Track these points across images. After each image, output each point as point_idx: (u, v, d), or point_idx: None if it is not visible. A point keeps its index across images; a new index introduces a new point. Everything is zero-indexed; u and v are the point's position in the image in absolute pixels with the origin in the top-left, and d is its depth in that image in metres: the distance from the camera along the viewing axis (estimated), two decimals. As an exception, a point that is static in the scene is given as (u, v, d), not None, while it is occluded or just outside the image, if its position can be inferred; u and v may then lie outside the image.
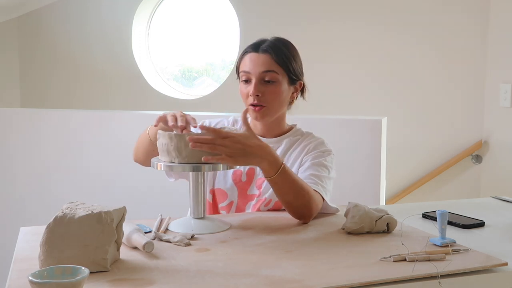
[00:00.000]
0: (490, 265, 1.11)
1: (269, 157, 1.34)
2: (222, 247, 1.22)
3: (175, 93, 4.56)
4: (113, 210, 1.08)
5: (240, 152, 1.29)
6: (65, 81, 4.74)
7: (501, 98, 3.17)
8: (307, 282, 1.00)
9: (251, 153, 1.31)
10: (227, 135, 1.28)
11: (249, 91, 1.53)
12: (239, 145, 1.29)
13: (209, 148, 1.27)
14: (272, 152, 1.36)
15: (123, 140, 2.69)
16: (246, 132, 1.33)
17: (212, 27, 4.63)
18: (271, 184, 1.39)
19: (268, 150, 1.34)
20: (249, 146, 1.31)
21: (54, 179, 2.77)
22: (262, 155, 1.33)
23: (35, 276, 0.88)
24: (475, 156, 3.32)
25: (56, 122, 2.81)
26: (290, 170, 1.40)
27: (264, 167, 1.35)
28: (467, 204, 1.74)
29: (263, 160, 1.33)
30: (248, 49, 1.57)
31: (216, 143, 1.27)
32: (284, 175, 1.36)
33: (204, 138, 1.27)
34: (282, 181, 1.37)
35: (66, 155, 2.77)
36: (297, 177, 1.42)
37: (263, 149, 1.33)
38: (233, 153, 1.28)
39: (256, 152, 1.32)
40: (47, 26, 4.76)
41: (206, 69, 4.92)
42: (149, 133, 1.52)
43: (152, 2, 4.52)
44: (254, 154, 1.31)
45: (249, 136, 1.33)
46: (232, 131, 1.33)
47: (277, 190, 1.40)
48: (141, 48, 4.57)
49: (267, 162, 1.34)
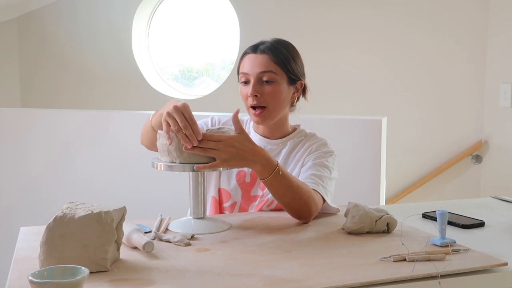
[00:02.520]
0: (490, 265, 1.11)
1: (262, 159, 1.34)
2: (222, 247, 1.22)
3: (175, 93, 4.56)
4: (113, 210, 1.08)
5: (233, 156, 1.30)
6: (65, 81, 4.74)
7: (501, 98, 3.17)
8: (307, 282, 1.00)
9: (244, 157, 1.31)
10: (219, 139, 1.29)
11: (248, 92, 1.53)
12: (232, 149, 1.29)
13: (202, 152, 1.28)
14: (266, 155, 1.35)
15: (123, 140, 2.70)
16: (238, 135, 1.33)
17: (212, 27, 4.63)
18: (267, 185, 1.39)
19: (261, 153, 1.34)
20: (242, 150, 1.31)
21: (54, 179, 2.77)
22: (255, 158, 1.33)
23: (35, 276, 0.88)
24: (475, 156, 3.32)
25: (56, 122, 2.80)
26: (286, 171, 1.40)
27: (257, 169, 1.35)
28: (467, 204, 1.73)
29: (256, 163, 1.33)
30: (247, 51, 1.58)
31: (208, 147, 1.27)
32: (279, 177, 1.36)
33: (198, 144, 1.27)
34: (277, 183, 1.37)
35: (66, 155, 2.77)
36: (294, 178, 1.42)
37: (256, 152, 1.33)
38: (226, 157, 1.29)
39: (249, 156, 1.32)
40: (47, 26, 4.76)
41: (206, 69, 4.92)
42: (151, 121, 1.51)
43: (152, 2, 4.52)
44: (247, 157, 1.32)
45: (242, 138, 1.33)
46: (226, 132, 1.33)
47: (273, 191, 1.40)
48: (141, 48, 4.57)
49: (260, 165, 1.34)
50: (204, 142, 1.28)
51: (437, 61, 3.43)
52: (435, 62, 3.43)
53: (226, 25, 4.35)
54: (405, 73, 3.53)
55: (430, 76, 3.45)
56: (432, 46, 3.42)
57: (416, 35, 3.46)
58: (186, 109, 1.29)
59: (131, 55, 4.46)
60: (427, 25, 3.43)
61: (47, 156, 2.79)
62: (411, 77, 3.51)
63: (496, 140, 3.26)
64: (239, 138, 1.32)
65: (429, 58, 3.44)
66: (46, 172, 2.79)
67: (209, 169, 1.30)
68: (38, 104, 4.72)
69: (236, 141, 1.31)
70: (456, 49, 3.37)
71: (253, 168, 1.35)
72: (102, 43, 4.58)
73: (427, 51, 3.44)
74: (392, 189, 3.45)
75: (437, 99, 3.45)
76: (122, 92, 4.52)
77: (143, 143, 1.60)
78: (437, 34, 3.41)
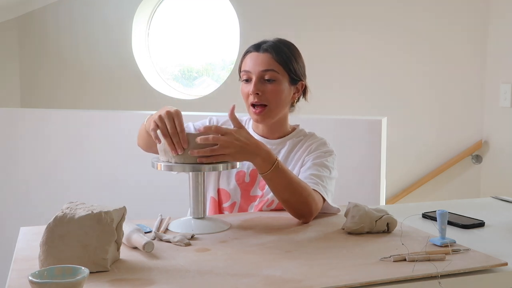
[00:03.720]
0: (490, 265, 1.11)
1: (263, 152, 1.35)
2: (222, 247, 1.22)
3: (175, 93, 4.56)
4: (113, 210, 1.08)
5: (238, 149, 1.31)
6: (65, 81, 4.74)
7: (501, 98, 3.17)
8: (307, 282, 1.00)
9: (248, 151, 1.33)
10: (227, 132, 1.30)
11: (249, 90, 1.53)
12: (237, 143, 1.31)
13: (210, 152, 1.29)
14: (266, 148, 1.37)
15: (123, 140, 2.69)
16: (240, 129, 1.34)
17: (212, 27, 4.63)
18: (266, 180, 1.39)
19: (262, 146, 1.36)
20: (246, 143, 1.32)
21: (53, 179, 2.77)
22: (257, 151, 1.34)
23: (35, 276, 0.88)
24: (475, 156, 3.32)
25: (56, 122, 2.81)
26: (286, 167, 1.41)
27: (257, 162, 1.36)
28: (467, 204, 1.73)
29: (257, 156, 1.35)
30: (249, 49, 1.59)
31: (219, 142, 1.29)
32: (279, 171, 1.37)
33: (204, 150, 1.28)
34: (277, 177, 1.37)
35: (66, 155, 2.77)
36: (293, 174, 1.43)
37: (258, 145, 1.35)
38: (231, 151, 1.30)
39: (252, 149, 1.34)
40: (47, 26, 4.76)
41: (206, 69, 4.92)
42: (145, 124, 1.51)
43: (152, 2, 4.52)
44: (250, 151, 1.33)
45: (245, 132, 1.35)
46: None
47: (273, 186, 1.40)
48: (141, 48, 4.57)
49: (261, 158, 1.35)
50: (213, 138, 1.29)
51: (437, 61, 3.43)
52: (435, 62, 3.43)
53: (226, 25, 4.35)
54: (405, 73, 3.53)
55: (430, 76, 3.45)
56: (432, 46, 3.42)
57: (416, 35, 3.46)
58: (178, 116, 1.31)
59: (131, 55, 4.46)
60: (427, 25, 3.43)
61: (47, 156, 2.79)
62: (411, 77, 3.51)
63: (496, 140, 3.26)
64: (241, 132, 1.34)
65: (429, 58, 3.44)
66: (46, 172, 2.79)
67: (214, 160, 1.31)
68: (38, 104, 4.72)
69: (240, 135, 1.32)
70: (456, 49, 3.37)
71: (253, 162, 1.36)
72: (102, 43, 4.58)
73: (427, 51, 3.44)
74: (392, 189, 3.45)
75: (437, 99, 3.44)
76: (122, 92, 4.52)
77: (139, 145, 1.61)
78: (437, 34, 3.41)
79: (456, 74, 3.39)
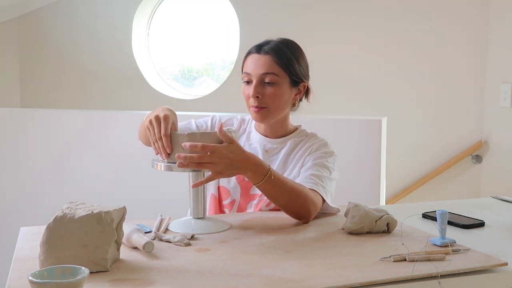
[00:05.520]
0: (490, 265, 1.11)
1: (252, 166, 1.35)
2: (222, 247, 1.22)
3: (175, 93, 4.56)
4: (113, 210, 1.08)
5: (227, 167, 1.31)
6: (65, 81, 4.74)
7: (501, 98, 3.17)
8: (307, 282, 1.00)
9: (237, 166, 1.33)
10: (214, 150, 1.29)
11: (250, 93, 1.53)
12: (226, 160, 1.30)
13: (197, 167, 1.30)
14: (257, 161, 1.37)
15: (123, 140, 2.69)
16: (230, 144, 1.32)
17: (212, 27, 4.63)
18: (260, 190, 1.40)
19: (252, 160, 1.35)
20: (235, 160, 1.32)
21: (54, 179, 2.77)
22: (246, 166, 1.34)
23: (35, 276, 0.88)
24: (475, 156, 3.32)
25: (56, 122, 2.81)
26: (279, 175, 1.41)
27: (249, 175, 1.36)
28: (467, 204, 1.73)
29: (247, 170, 1.35)
30: (251, 50, 1.58)
31: (204, 161, 1.29)
32: (271, 182, 1.37)
33: (190, 156, 1.28)
34: (270, 187, 1.38)
35: (66, 155, 2.77)
36: (289, 180, 1.43)
37: (247, 159, 1.35)
38: (220, 169, 1.30)
39: (241, 164, 1.33)
40: (47, 26, 4.76)
41: (206, 69, 4.92)
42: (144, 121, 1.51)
43: (152, 2, 4.52)
44: (239, 166, 1.33)
45: (234, 147, 1.33)
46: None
47: (268, 195, 1.41)
48: (141, 48, 4.57)
49: (251, 171, 1.35)
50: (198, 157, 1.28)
51: (437, 61, 3.43)
52: (435, 62, 3.43)
53: (226, 25, 4.35)
54: (405, 73, 3.52)
55: (430, 76, 3.45)
56: (432, 46, 3.42)
57: (416, 35, 3.46)
58: (165, 120, 1.33)
59: (131, 55, 4.45)
60: (428, 25, 3.43)
61: (47, 156, 2.78)
62: (411, 77, 3.51)
63: (496, 140, 3.26)
64: (231, 148, 1.32)
65: (429, 58, 3.44)
66: (46, 172, 2.79)
67: (205, 183, 1.35)
68: (38, 104, 4.72)
69: (229, 152, 1.31)
70: (456, 49, 3.37)
71: (244, 175, 1.37)
72: (102, 43, 4.58)
73: (427, 51, 3.44)
74: (392, 189, 3.45)
75: (437, 99, 3.44)
76: (122, 92, 4.52)
77: (140, 139, 1.64)
78: (437, 34, 3.41)
79: (456, 74, 3.39)
